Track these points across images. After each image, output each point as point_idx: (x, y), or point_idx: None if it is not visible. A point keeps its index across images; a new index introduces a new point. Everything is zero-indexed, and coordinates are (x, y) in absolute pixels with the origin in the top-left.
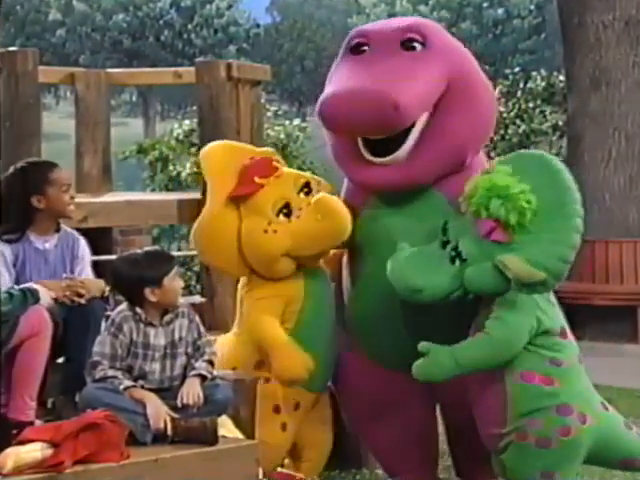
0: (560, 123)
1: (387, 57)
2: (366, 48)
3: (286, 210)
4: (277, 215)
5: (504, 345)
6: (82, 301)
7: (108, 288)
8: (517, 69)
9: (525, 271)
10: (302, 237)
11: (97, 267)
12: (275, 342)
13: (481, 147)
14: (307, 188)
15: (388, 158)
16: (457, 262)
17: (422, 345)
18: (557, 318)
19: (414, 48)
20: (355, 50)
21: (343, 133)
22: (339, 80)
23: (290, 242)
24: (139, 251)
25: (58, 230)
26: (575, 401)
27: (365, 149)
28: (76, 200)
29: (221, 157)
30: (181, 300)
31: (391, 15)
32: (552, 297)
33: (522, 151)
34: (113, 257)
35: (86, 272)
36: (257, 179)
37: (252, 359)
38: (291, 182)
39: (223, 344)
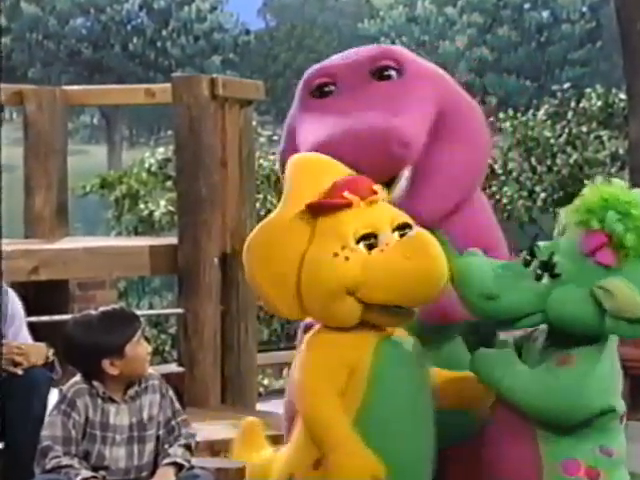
0: (620, 151)
1: (362, 91)
2: (332, 88)
3: (370, 241)
4: (357, 243)
5: (568, 397)
6: (19, 372)
7: (52, 352)
8: (567, 85)
9: (632, 302)
10: (379, 272)
11: (48, 329)
12: (334, 435)
13: (481, 179)
14: (404, 230)
15: None
16: (545, 279)
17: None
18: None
19: (389, 77)
20: (318, 93)
21: None
22: (316, 130)
23: (360, 275)
24: (93, 312)
25: None
26: None
27: None
28: (25, 247)
29: (316, 168)
30: (151, 370)
31: (410, 19)
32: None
33: None
34: (69, 317)
35: (22, 334)
36: (347, 193)
37: (309, 457)
38: (387, 216)
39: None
